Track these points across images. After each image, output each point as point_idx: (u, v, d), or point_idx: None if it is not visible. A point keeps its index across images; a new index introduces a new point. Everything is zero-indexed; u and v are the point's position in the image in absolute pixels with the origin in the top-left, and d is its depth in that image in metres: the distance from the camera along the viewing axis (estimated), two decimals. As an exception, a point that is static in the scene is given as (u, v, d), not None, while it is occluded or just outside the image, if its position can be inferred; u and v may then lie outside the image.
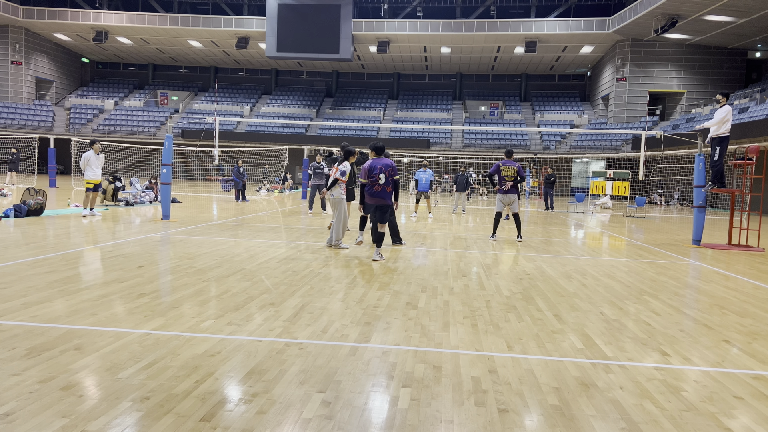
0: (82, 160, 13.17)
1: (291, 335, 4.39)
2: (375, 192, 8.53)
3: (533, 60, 43.95)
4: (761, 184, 12.88)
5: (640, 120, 37.99)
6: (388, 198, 8.59)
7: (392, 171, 8.56)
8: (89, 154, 13.17)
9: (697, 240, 11.68)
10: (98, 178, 13.25)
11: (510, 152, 11.62)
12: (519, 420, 3.05)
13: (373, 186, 8.54)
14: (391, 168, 8.56)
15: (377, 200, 8.57)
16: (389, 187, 8.54)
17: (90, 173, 13.12)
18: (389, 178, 8.51)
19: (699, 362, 4.14)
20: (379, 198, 8.55)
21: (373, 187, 8.53)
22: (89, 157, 13.15)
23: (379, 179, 8.48)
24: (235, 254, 8.22)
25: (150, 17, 41.60)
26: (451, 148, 41.15)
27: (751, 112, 28.21)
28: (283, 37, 40.99)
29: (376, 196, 8.54)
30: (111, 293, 5.50)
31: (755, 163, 11.97)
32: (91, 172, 13.13)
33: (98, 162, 13.29)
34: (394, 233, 10.07)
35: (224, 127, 42.11)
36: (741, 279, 7.87)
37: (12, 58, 43.33)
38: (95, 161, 13.23)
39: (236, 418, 2.93)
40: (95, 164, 13.22)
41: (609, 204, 25.07)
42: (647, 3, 31.97)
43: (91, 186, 13.15)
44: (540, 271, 7.90)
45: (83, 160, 13.16)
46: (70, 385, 3.28)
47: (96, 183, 13.23)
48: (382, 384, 3.48)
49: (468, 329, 4.75)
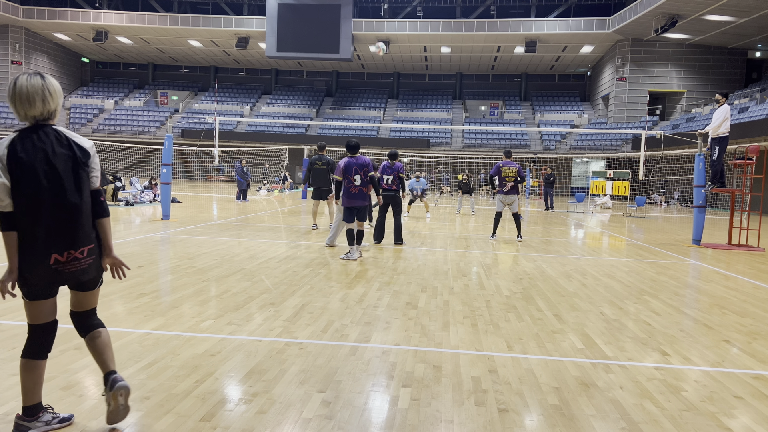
0: None
1: (291, 335, 4.39)
2: (352, 194, 8.41)
3: (533, 60, 43.95)
4: (761, 183, 12.88)
5: (640, 120, 37.99)
6: (367, 199, 8.49)
7: (368, 169, 8.43)
8: None
9: (697, 240, 11.68)
10: None
11: (509, 153, 11.62)
12: (519, 420, 3.05)
13: (350, 188, 8.44)
14: (366, 167, 8.43)
15: (356, 202, 8.44)
16: (366, 188, 8.44)
17: None
18: (365, 178, 8.41)
19: (699, 362, 4.15)
20: (356, 200, 8.42)
21: (350, 189, 8.44)
22: None
23: (354, 180, 8.38)
24: (235, 254, 8.22)
25: (150, 17, 41.59)
26: (451, 148, 41.15)
27: (751, 111, 28.20)
28: (283, 36, 40.99)
29: (354, 198, 8.42)
30: (111, 293, 5.50)
31: (755, 163, 11.97)
32: None
33: None
34: (397, 232, 10.08)
35: (224, 127, 42.11)
36: (741, 279, 7.87)
37: (12, 58, 43.32)
38: None
39: (236, 418, 2.94)
40: None
41: (609, 204, 25.08)
42: (647, 3, 31.97)
43: None
44: (540, 270, 7.90)
45: None
46: (71, 384, 3.28)
47: None
48: (382, 384, 3.48)
49: (468, 329, 4.75)
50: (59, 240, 2.55)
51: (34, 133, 2.57)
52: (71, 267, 2.60)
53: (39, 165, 2.51)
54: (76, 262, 2.61)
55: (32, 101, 2.55)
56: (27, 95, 2.54)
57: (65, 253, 2.57)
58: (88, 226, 2.65)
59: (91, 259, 2.66)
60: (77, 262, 2.61)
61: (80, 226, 2.60)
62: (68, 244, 2.57)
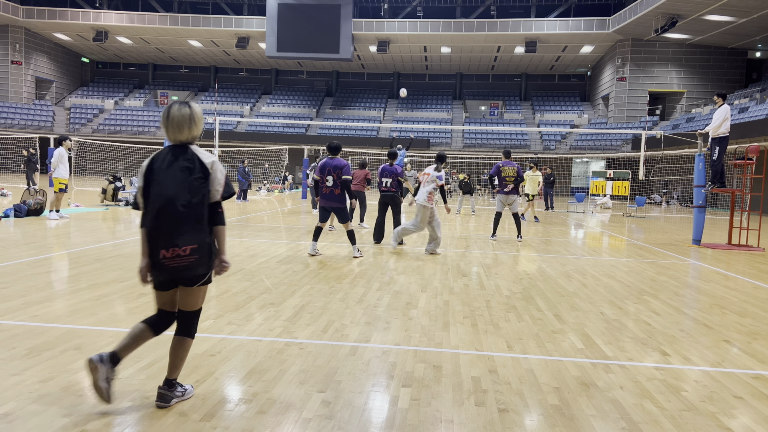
0: (56, 157, 11.99)
1: (291, 335, 4.39)
2: (324, 194, 8.37)
3: (533, 60, 43.95)
4: (761, 183, 12.88)
5: (640, 120, 37.99)
6: (337, 201, 8.38)
7: (340, 172, 8.32)
8: (61, 151, 12.04)
9: (697, 240, 11.68)
10: (67, 177, 12.21)
11: (508, 152, 11.61)
12: (519, 420, 3.05)
13: (323, 187, 8.41)
14: (339, 169, 8.32)
15: (326, 203, 8.42)
16: (337, 189, 8.35)
17: (63, 171, 12.04)
18: (337, 180, 8.32)
19: (699, 362, 4.15)
20: (328, 201, 8.39)
21: (323, 188, 8.41)
22: (62, 154, 12.03)
23: (326, 181, 8.35)
24: (236, 254, 8.22)
25: (150, 17, 41.60)
26: (451, 148, 41.15)
27: (751, 111, 28.20)
28: (283, 36, 41.00)
29: (325, 198, 8.39)
30: (111, 293, 5.50)
31: (755, 163, 11.97)
32: (64, 169, 12.06)
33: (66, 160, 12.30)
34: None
35: (224, 127, 42.13)
36: (741, 279, 7.87)
37: (12, 58, 43.33)
38: (66, 159, 12.18)
39: (236, 418, 2.94)
40: (66, 162, 12.17)
41: (609, 204, 25.07)
42: (647, 3, 31.97)
43: (63, 186, 12.08)
44: (540, 270, 7.90)
45: (56, 156, 11.98)
46: (71, 384, 3.28)
47: (66, 183, 12.18)
48: (382, 384, 3.48)
49: (468, 329, 4.75)
50: (166, 238, 2.92)
51: (172, 150, 3.05)
52: (174, 262, 2.93)
53: (163, 175, 2.98)
54: (179, 259, 2.93)
55: (181, 128, 3.03)
56: (177, 123, 3.03)
57: (170, 250, 2.91)
58: (196, 230, 2.97)
59: (194, 258, 2.95)
60: (179, 259, 2.93)
61: (186, 227, 2.94)
62: (173, 242, 2.91)
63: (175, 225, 2.92)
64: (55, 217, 11.88)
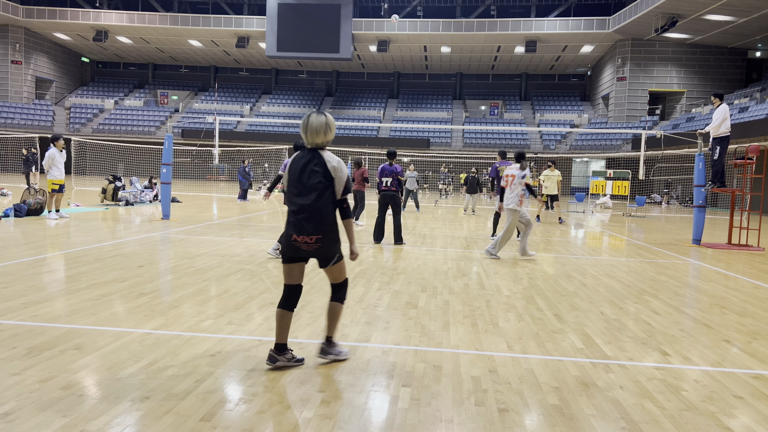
0: (47, 158, 11.86)
1: (291, 335, 4.38)
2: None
3: (533, 59, 43.94)
4: (761, 183, 12.88)
5: (640, 119, 37.99)
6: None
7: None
8: (53, 152, 11.91)
9: (697, 239, 11.67)
10: (63, 177, 12.03)
11: (504, 153, 11.60)
12: (519, 419, 3.05)
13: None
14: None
15: None
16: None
17: (56, 172, 11.89)
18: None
19: (699, 362, 4.15)
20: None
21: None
22: (54, 155, 11.90)
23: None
24: (236, 254, 8.22)
25: (150, 17, 41.60)
26: (451, 148, 41.16)
27: (751, 111, 28.20)
28: (283, 36, 40.99)
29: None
30: (111, 293, 5.50)
31: (755, 163, 11.96)
32: (57, 171, 11.91)
33: (62, 160, 12.08)
34: (397, 232, 10.08)
35: (224, 127, 42.12)
36: (741, 278, 7.87)
37: (12, 58, 43.33)
38: (60, 159, 11.99)
39: (236, 418, 2.94)
40: (60, 162, 12.00)
41: (609, 203, 25.07)
42: (647, 2, 31.96)
43: (57, 187, 11.90)
44: (540, 270, 7.90)
45: (48, 158, 11.85)
46: (71, 384, 3.28)
47: (61, 183, 11.97)
48: (382, 383, 3.48)
49: (468, 329, 4.75)
50: (296, 227, 3.57)
51: (306, 152, 3.67)
52: (303, 246, 3.58)
53: (296, 174, 3.65)
54: (306, 245, 3.58)
55: (318, 134, 3.63)
56: (315, 129, 3.62)
57: (301, 237, 3.56)
58: (321, 223, 3.56)
59: (318, 245, 3.58)
60: (306, 245, 3.58)
61: (311, 221, 3.55)
62: (300, 232, 3.56)
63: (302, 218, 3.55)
64: (55, 216, 11.87)
